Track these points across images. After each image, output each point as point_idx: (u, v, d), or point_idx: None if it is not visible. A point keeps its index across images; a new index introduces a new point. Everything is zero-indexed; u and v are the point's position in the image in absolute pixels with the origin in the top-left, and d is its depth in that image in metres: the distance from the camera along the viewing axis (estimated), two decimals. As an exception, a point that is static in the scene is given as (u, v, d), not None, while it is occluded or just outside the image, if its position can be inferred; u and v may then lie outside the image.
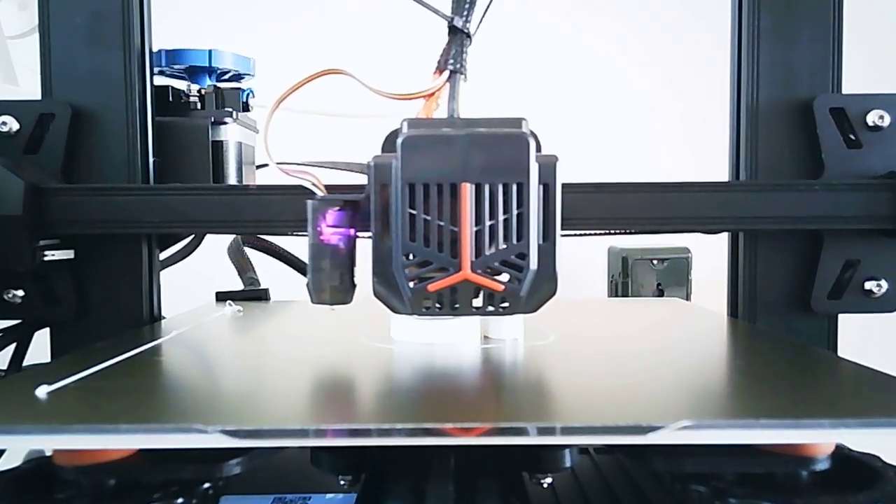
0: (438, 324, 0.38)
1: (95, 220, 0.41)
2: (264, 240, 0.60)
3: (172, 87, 0.48)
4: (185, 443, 0.23)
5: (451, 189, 0.32)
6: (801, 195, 0.41)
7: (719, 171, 0.47)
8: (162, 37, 0.47)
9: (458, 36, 0.36)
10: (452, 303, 0.34)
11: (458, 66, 0.36)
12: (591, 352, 0.38)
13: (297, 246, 0.62)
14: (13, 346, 0.46)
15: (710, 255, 0.56)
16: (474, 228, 0.33)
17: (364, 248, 0.39)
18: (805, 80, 0.43)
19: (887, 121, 0.42)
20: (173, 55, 0.48)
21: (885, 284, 0.43)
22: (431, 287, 0.33)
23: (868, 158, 0.42)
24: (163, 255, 0.49)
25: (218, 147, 0.48)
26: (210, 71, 0.49)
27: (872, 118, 0.42)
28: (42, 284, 0.43)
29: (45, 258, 0.41)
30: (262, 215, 0.41)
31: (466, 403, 0.29)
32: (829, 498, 0.25)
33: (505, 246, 0.33)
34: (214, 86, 0.49)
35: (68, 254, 0.42)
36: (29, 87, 0.46)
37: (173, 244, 0.50)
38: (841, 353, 0.44)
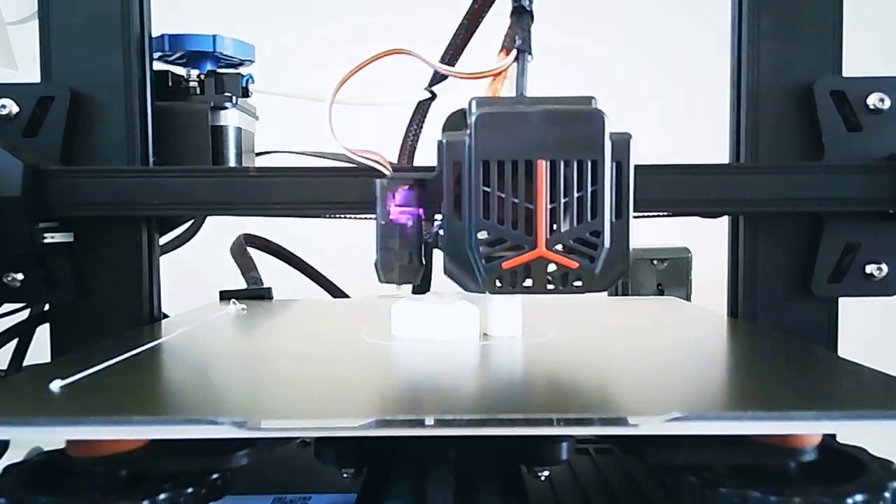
0: (438, 321, 0.38)
1: (94, 203, 0.41)
2: (266, 240, 0.60)
3: (172, 73, 0.48)
4: (196, 433, 0.24)
5: (527, 166, 0.32)
6: (802, 177, 0.41)
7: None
8: (162, 22, 0.47)
9: (524, 15, 0.36)
10: (526, 281, 0.33)
11: (526, 45, 0.36)
12: (588, 348, 0.39)
13: (299, 240, 0.62)
14: (12, 345, 0.46)
15: (710, 255, 0.56)
16: (549, 206, 0.32)
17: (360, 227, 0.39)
18: (805, 63, 0.43)
19: (888, 104, 0.42)
20: (173, 40, 0.48)
21: (885, 268, 0.43)
22: (506, 265, 0.33)
23: (868, 141, 0.42)
24: (163, 240, 0.49)
25: (217, 132, 0.48)
26: (210, 56, 0.49)
27: (873, 101, 0.42)
28: (41, 268, 0.43)
29: (45, 240, 0.41)
30: (261, 197, 0.40)
31: (465, 398, 0.30)
32: (816, 488, 0.26)
33: (579, 223, 0.33)
34: (214, 71, 0.49)
35: (68, 236, 0.42)
36: (28, 73, 0.46)
37: (173, 229, 0.50)
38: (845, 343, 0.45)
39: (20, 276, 0.43)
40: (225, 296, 0.53)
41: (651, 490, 0.33)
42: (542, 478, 0.30)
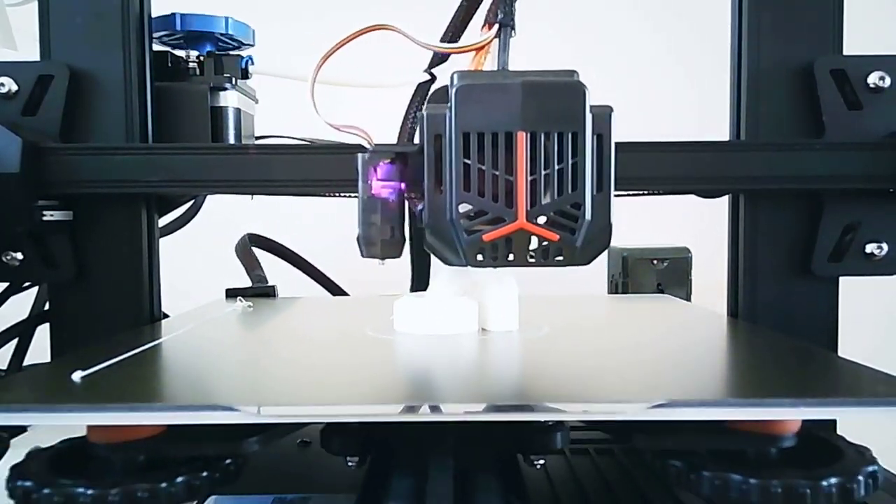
0: (439, 316, 0.39)
1: (94, 180, 0.40)
2: (270, 240, 0.61)
3: (171, 54, 0.48)
4: (215, 419, 0.25)
5: (507, 138, 0.32)
6: (802, 155, 0.41)
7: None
8: (162, 3, 0.47)
9: None
10: (507, 253, 0.33)
11: (508, 19, 0.36)
12: (582, 343, 0.40)
13: (301, 239, 0.62)
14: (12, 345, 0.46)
15: (710, 255, 0.56)
16: (530, 178, 0.32)
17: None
18: (805, 42, 0.43)
19: (888, 82, 0.42)
20: (173, 21, 0.48)
21: (885, 247, 0.43)
22: (487, 237, 0.33)
23: (868, 120, 0.42)
24: (162, 222, 0.49)
25: (217, 113, 0.47)
26: (209, 38, 0.49)
27: (873, 79, 0.42)
28: (41, 247, 0.43)
29: (44, 218, 0.41)
30: (261, 175, 0.40)
31: (463, 388, 0.31)
32: (794, 472, 0.27)
33: (560, 196, 0.33)
34: (213, 52, 0.49)
35: (67, 215, 0.42)
36: (28, 56, 0.46)
37: (173, 209, 0.50)
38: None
39: (19, 256, 0.43)
40: (231, 293, 0.54)
41: (650, 489, 0.33)
42: (538, 466, 0.32)
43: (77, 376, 0.29)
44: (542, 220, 0.33)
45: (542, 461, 0.32)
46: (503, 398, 0.27)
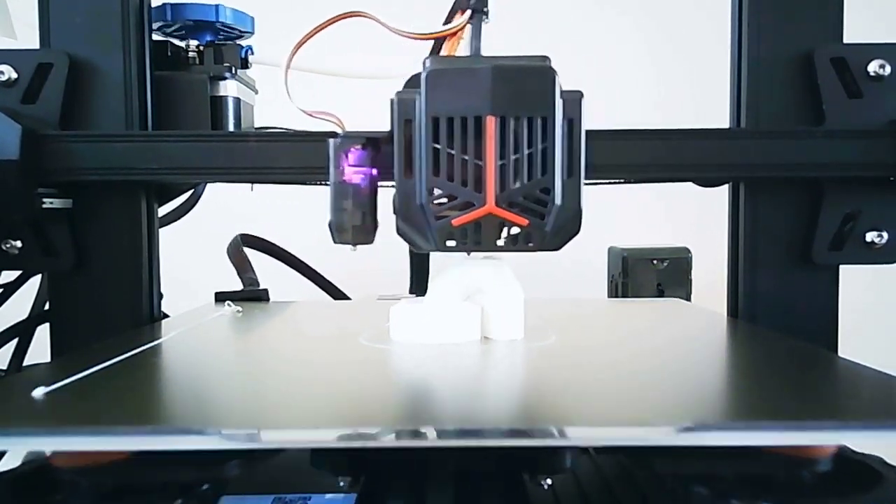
0: (438, 324, 0.37)
1: (93, 168, 0.40)
2: (264, 240, 0.60)
3: (171, 43, 0.48)
4: (184, 445, 0.23)
5: (476, 122, 0.32)
6: (803, 143, 0.41)
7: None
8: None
9: None
10: (476, 238, 0.33)
11: (481, 4, 0.36)
12: (592, 353, 0.38)
13: (299, 242, 0.62)
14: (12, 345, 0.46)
15: (710, 256, 0.56)
16: (499, 162, 0.32)
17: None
18: (806, 30, 0.43)
19: (888, 70, 0.42)
20: (173, 10, 0.48)
21: (885, 235, 0.43)
22: (456, 221, 0.33)
23: (869, 108, 0.42)
24: (162, 212, 0.49)
25: (217, 102, 0.47)
26: (209, 27, 0.49)
27: (873, 68, 0.42)
28: (40, 235, 0.43)
29: (44, 206, 0.40)
30: (261, 162, 0.40)
31: (466, 406, 0.29)
32: (831, 499, 0.25)
33: (529, 180, 0.33)
34: (213, 42, 0.49)
35: (67, 202, 0.42)
36: (27, 44, 0.46)
37: (172, 199, 0.50)
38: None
39: (18, 244, 0.42)
40: (220, 297, 0.52)
41: (657, 498, 0.31)
42: (546, 486, 0.30)
43: (39, 392, 0.27)
44: (511, 204, 0.33)
45: (549, 480, 0.30)
46: (510, 419, 0.25)
